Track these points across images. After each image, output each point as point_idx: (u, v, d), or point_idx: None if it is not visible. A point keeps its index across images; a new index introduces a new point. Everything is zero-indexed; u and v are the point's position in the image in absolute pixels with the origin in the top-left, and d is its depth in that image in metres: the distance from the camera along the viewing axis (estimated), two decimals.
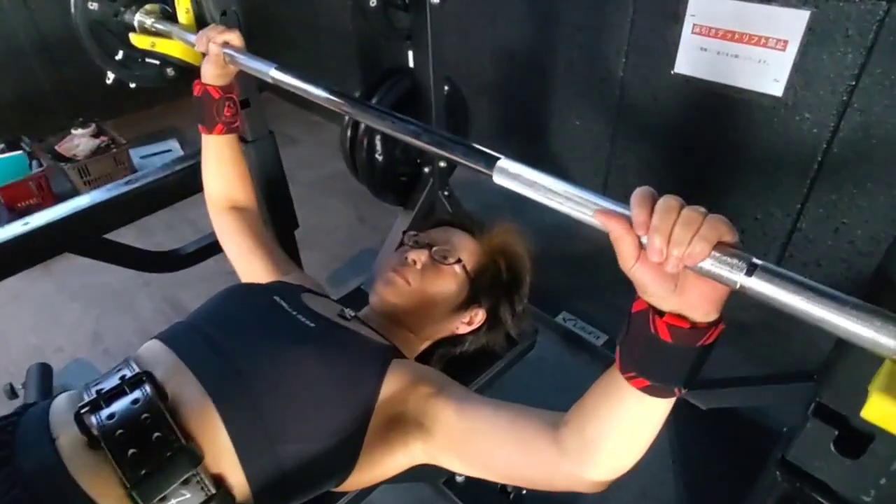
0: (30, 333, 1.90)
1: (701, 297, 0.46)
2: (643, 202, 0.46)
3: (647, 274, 0.48)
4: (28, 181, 2.29)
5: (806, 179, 1.69)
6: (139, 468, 0.64)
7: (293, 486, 0.75)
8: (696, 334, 0.48)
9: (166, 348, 0.78)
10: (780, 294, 0.41)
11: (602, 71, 2.08)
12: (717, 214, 0.45)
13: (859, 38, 1.42)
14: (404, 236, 1.08)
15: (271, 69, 0.91)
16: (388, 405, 0.79)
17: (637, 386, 0.53)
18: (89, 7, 1.17)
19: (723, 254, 0.43)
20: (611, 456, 0.59)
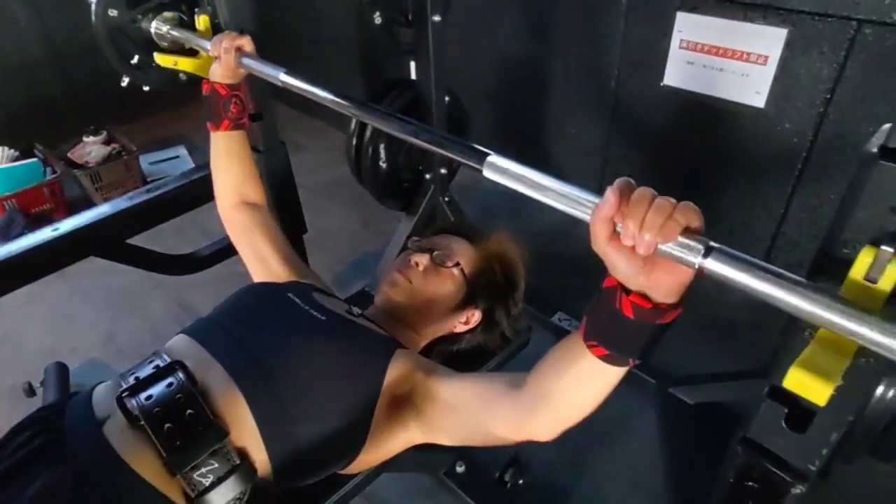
0: (45, 334, 1.98)
1: (665, 278, 0.51)
2: (620, 191, 0.50)
3: (618, 254, 0.52)
4: (42, 187, 2.38)
5: (788, 185, 1.78)
6: (174, 440, 0.73)
7: (308, 463, 0.84)
8: (657, 314, 0.53)
9: (193, 341, 0.87)
10: (733, 273, 0.46)
11: (596, 82, 2.17)
12: (686, 202, 0.50)
13: (833, 54, 1.51)
14: (408, 241, 1.17)
15: (280, 73, 0.97)
16: (392, 390, 0.88)
17: (596, 354, 0.59)
18: (109, 14, 1.24)
19: (686, 238, 0.48)
20: (560, 411, 0.67)
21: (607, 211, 0.50)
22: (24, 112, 2.87)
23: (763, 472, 0.66)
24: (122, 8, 1.24)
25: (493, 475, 1.39)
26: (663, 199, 0.49)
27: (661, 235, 0.48)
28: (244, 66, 1.05)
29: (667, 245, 0.48)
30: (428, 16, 1.59)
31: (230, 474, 0.75)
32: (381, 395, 0.87)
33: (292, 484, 0.85)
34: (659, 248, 0.49)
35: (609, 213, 0.50)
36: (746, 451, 0.67)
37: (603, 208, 0.51)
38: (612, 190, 0.51)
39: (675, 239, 0.48)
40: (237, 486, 0.75)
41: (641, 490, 1.45)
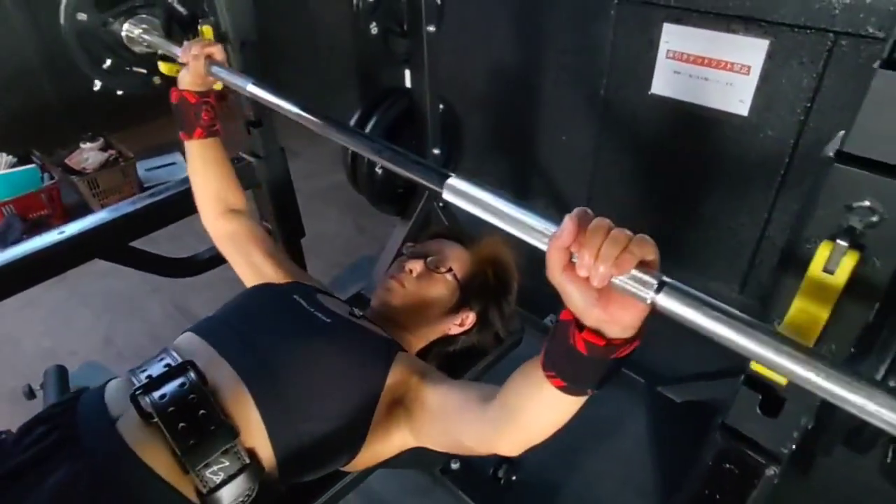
0: (43, 337, 2.00)
1: (620, 312, 0.50)
2: (578, 220, 0.49)
3: (573, 285, 0.51)
4: (41, 193, 2.40)
5: (771, 191, 1.84)
6: (188, 439, 0.76)
7: (311, 460, 0.87)
8: (610, 350, 0.52)
9: (202, 340, 0.91)
10: (685, 311, 0.45)
11: (586, 91, 2.22)
12: (641, 235, 0.48)
13: (812, 64, 1.58)
14: (403, 247, 1.21)
15: (248, 84, 0.95)
16: (391, 392, 0.91)
17: (554, 384, 0.58)
18: (77, 17, 1.20)
19: (640, 272, 0.47)
20: (522, 431, 0.68)
21: (564, 239, 0.49)
22: (21, 119, 2.88)
23: (740, 455, 0.70)
24: (91, 11, 1.21)
25: (487, 472, 1.43)
26: (619, 230, 0.48)
27: (615, 267, 0.47)
28: (213, 74, 1.04)
29: (621, 278, 0.47)
30: (423, 26, 1.64)
31: (240, 472, 0.78)
32: (382, 396, 0.90)
33: (295, 480, 0.88)
34: (613, 281, 0.48)
35: (566, 241, 0.49)
36: (724, 436, 0.72)
37: (560, 237, 0.50)
38: (569, 218, 0.50)
39: (630, 272, 0.47)
40: (246, 483, 0.78)
41: (631, 485, 1.50)
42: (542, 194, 2.67)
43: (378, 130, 1.91)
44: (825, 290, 0.49)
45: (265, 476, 0.82)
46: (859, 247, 0.49)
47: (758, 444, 0.69)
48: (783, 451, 0.69)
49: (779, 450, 0.69)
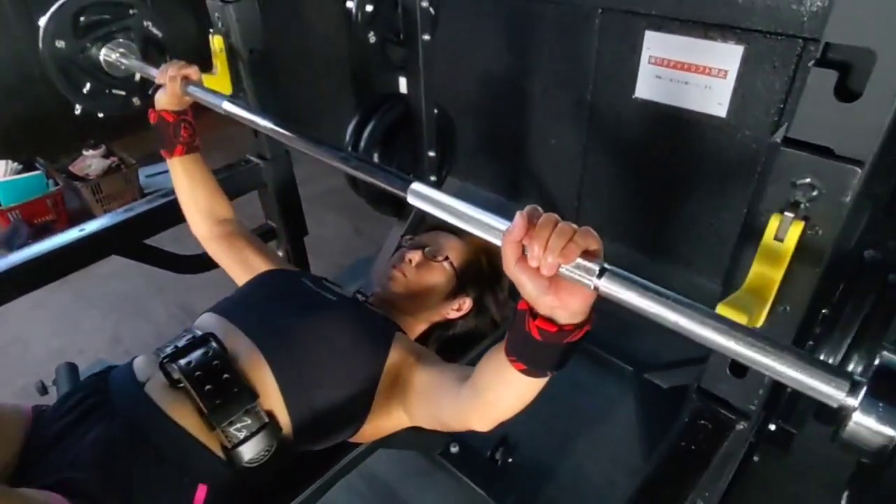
0: (52, 338, 2.06)
1: (569, 298, 0.55)
2: (528, 217, 0.55)
3: (525, 274, 0.55)
4: (46, 199, 2.46)
5: (749, 189, 1.93)
6: (214, 399, 0.84)
7: (323, 426, 0.95)
8: (563, 335, 0.57)
9: (220, 317, 0.99)
10: (625, 294, 0.51)
11: (573, 95, 2.32)
12: (585, 227, 0.54)
13: (784, 68, 1.69)
14: (402, 240, 1.30)
15: (223, 102, 1.01)
16: (391, 370, 0.99)
17: (516, 368, 0.64)
18: (56, 45, 1.24)
19: (583, 260, 0.52)
20: (491, 409, 0.75)
21: (516, 234, 0.55)
22: (23, 127, 2.95)
23: (713, 413, 0.79)
24: (69, 38, 1.25)
25: (484, 455, 1.50)
26: (565, 224, 0.54)
27: (562, 256, 0.52)
28: (189, 94, 1.09)
29: (567, 267, 0.52)
30: (418, 35, 1.72)
31: (260, 430, 0.86)
32: (384, 372, 0.98)
33: (309, 445, 0.96)
34: (560, 270, 0.53)
35: (517, 236, 0.55)
36: (699, 398, 0.81)
37: (512, 232, 0.55)
38: (520, 215, 0.55)
39: (574, 261, 0.52)
40: (266, 440, 0.86)
41: (621, 466, 1.58)
42: (532, 195, 2.75)
43: (375, 134, 1.99)
44: (777, 255, 0.58)
45: (282, 437, 0.89)
46: (804, 218, 0.59)
47: (728, 403, 0.78)
48: (751, 408, 0.78)
49: (747, 407, 0.78)
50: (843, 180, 0.59)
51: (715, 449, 0.75)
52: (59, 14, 1.24)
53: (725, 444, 0.76)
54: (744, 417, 0.78)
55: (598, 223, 2.68)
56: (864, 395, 0.42)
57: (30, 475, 0.78)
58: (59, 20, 1.24)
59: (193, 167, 1.19)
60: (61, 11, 1.24)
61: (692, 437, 0.77)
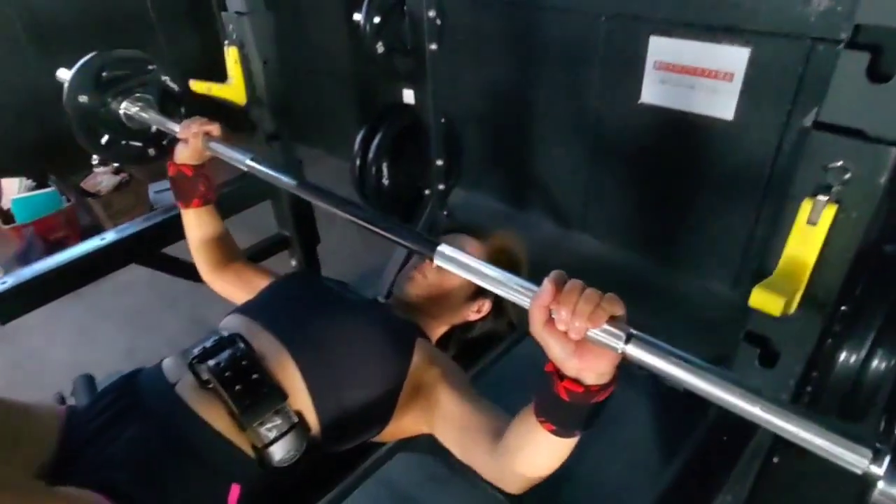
0: (68, 351, 2.06)
1: (595, 361, 0.57)
2: (555, 282, 0.57)
3: (553, 338, 0.57)
4: (59, 215, 2.48)
5: (758, 190, 1.95)
6: (245, 399, 0.84)
7: (349, 426, 0.95)
8: (589, 395, 0.59)
9: (246, 318, 0.99)
10: (650, 358, 0.53)
11: (578, 102, 2.34)
12: (610, 293, 0.56)
13: (792, 69, 1.70)
14: None
15: (247, 158, 1.01)
16: (415, 374, 0.99)
17: (546, 429, 0.65)
18: (79, 100, 1.29)
19: (611, 325, 0.54)
20: (525, 472, 0.75)
21: (544, 299, 0.56)
22: (36, 145, 2.99)
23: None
24: (91, 93, 1.30)
25: None
26: (592, 290, 0.56)
27: (590, 321, 0.54)
28: (211, 150, 1.10)
29: (594, 331, 0.54)
30: (426, 45, 1.75)
31: (290, 430, 0.86)
32: (409, 373, 0.99)
33: (336, 446, 0.96)
34: (588, 333, 0.55)
35: (546, 300, 0.56)
36: None
37: (541, 296, 0.57)
38: (548, 280, 0.57)
39: (602, 326, 0.54)
40: (295, 440, 0.86)
41: (637, 469, 1.56)
42: (538, 204, 2.77)
43: (384, 145, 2.01)
44: (810, 239, 0.59)
45: (311, 438, 0.89)
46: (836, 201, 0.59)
47: None
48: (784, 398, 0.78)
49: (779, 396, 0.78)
50: (876, 162, 0.60)
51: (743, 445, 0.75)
52: (83, 70, 1.29)
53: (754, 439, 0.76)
54: None
55: (605, 230, 2.70)
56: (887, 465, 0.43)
57: (65, 474, 0.78)
58: (83, 76, 1.29)
59: (207, 218, 1.22)
60: (85, 68, 1.29)
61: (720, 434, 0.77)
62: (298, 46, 3.26)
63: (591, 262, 2.45)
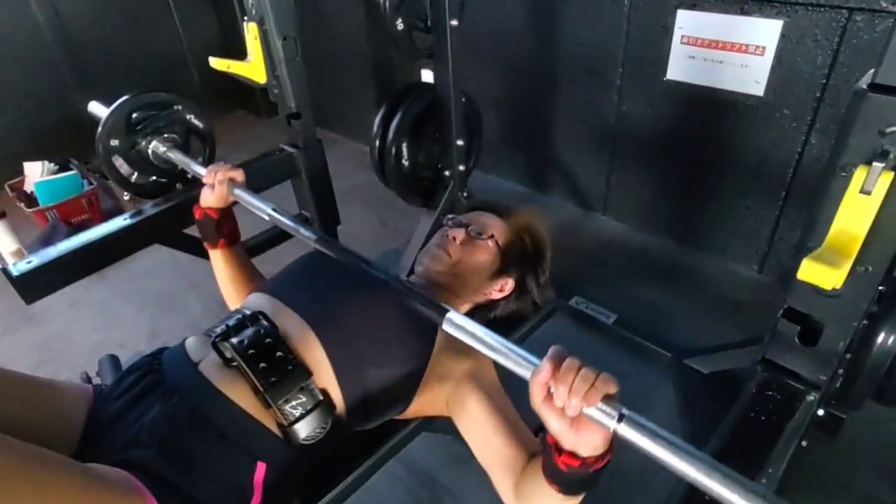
0: (92, 332, 2.09)
1: (590, 435, 0.61)
2: (553, 361, 0.61)
3: (551, 413, 0.61)
4: (81, 198, 2.50)
5: (789, 169, 1.89)
6: (269, 376, 0.84)
7: (373, 404, 0.94)
8: (585, 467, 0.64)
9: (268, 296, 0.98)
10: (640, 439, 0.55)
11: (601, 81, 2.29)
12: (605, 374, 0.60)
13: (826, 41, 1.64)
14: (444, 219, 1.28)
15: (269, 208, 1.05)
16: (439, 355, 0.98)
17: (553, 489, 0.69)
18: (111, 143, 1.36)
19: (605, 404, 0.58)
20: None
21: (542, 376, 0.61)
22: (56, 129, 3.03)
23: (781, 384, 0.76)
24: (122, 136, 1.36)
25: None
26: (587, 369, 0.60)
27: (584, 400, 0.58)
28: (236, 197, 1.14)
29: (588, 409, 0.58)
30: (446, 21, 1.71)
31: (315, 408, 0.85)
32: (434, 353, 0.97)
33: (360, 423, 0.95)
34: (583, 411, 0.59)
35: (544, 378, 0.61)
36: (766, 370, 0.78)
37: (539, 373, 0.61)
38: (547, 359, 0.61)
39: (596, 405, 0.58)
40: (321, 418, 0.86)
41: None
42: (559, 186, 2.73)
43: (403, 124, 1.98)
44: (863, 210, 0.56)
45: (336, 415, 0.89)
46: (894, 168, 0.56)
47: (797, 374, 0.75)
48: (821, 379, 0.75)
49: (817, 377, 0.75)
50: None
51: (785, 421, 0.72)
52: (115, 114, 1.36)
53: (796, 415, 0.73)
54: (814, 388, 0.75)
55: (627, 212, 2.66)
56: None
57: (92, 451, 0.79)
58: (116, 119, 1.36)
59: (233, 257, 1.24)
60: (117, 112, 1.36)
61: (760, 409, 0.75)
62: (314, 26, 3.23)
63: (613, 244, 2.41)
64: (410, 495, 1.47)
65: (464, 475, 1.51)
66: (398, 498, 1.46)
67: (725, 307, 2.00)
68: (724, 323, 1.92)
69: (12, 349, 2.05)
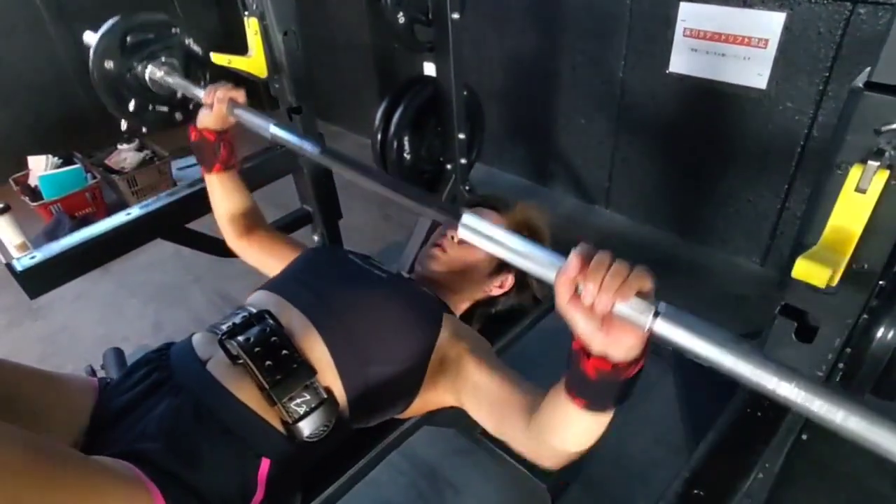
0: (97, 326, 2.11)
1: (623, 336, 0.55)
2: (582, 255, 0.54)
3: (578, 312, 0.55)
4: (85, 192, 2.52)
5: (791, 162, 1.88)
6: (275, 374, 0.85)
7: (376, 402, 0.95)
8: (618, 372, 0.57)
9: (273, 294, 0.99)
10: (678, 334, 0.49)
11: (603, 73, 2.28)
12: (640, 266, 0.53)
13: (829, 34, 1.62)
14: None
15: (270, 125, 0.99)
16: (441, 348, 0.98)
17: (577, 405, 0.63)
18: (105, 66, 1.29)
19: (639, 299, 0.51)
20: (560, 448, 0.72)
21: (570, 272, 0.53)
22: (60, 123, 3.04)
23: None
24: (117, 59, 1.29)
25: None
26: (620, 263, 0.53)
27: (617, 295, 0.51)
28: (235, 116, 1.10)
29: (621, 305, 0.51)
30: (448, 14, 1.71)
31: (319, 405, 0.87)
32: (436, 349, 0.98)
33: (363, 421, 0.96)
34: (615, 308, 0.52)
35: (571, 274, 0.53)
36: None
37: (566, 270, 0.54)
38: (575, 253, 0.54)
39: (629, 300, 0.51)
40: (324, 415, 0.87)
41: (663, 444, 1.56)
42: (561, 179, 2.72)
43: (405, 118, 1.98)
44: (858, 207, 0.56)
45: (339, 413, 0.90)
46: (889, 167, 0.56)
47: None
48: (819, 375, 0.75)
49: (814, 374, 0.75)
50: None
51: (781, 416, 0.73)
52: (108, 35, 1.28)
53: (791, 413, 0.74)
54: None
55: (630, 205, 2.65)
56: None
57: (98, 445, 0.80)
58: (109, 41, 1.28)
59: (230, 183, 1.22)
60: (110, 32, 1.29)
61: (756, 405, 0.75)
62: (316, 19, 3.22)
63: (615, 237, 2.41)
64: (412, 488, 1.49)
65: (465, 468, 1.52)
66: (400, 491, 1.48)
67: (727, 300, 2.00)
68: (726, 316, 1.93)
69: (17, 342, 2.07)
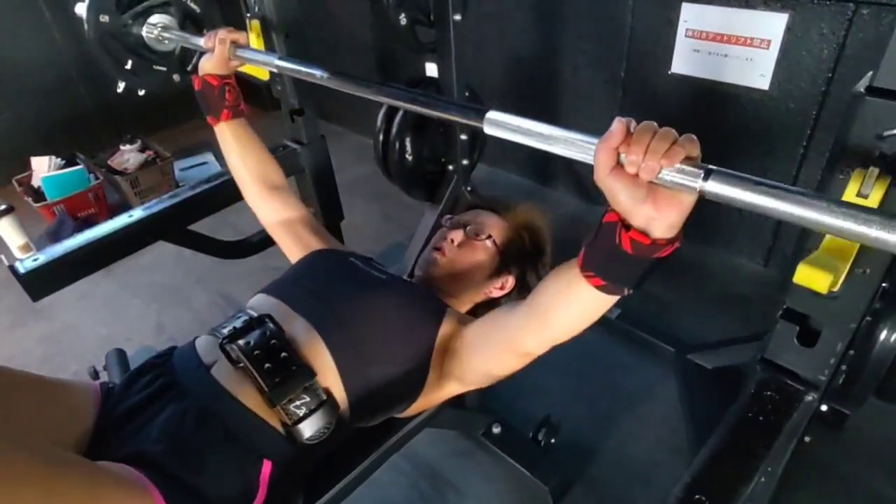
0: (100, 326, 2.12)
1: (667, 208, 0.53)
2: (626, 123, 0.52)
3: (621, 181, 0.53)
4: (87, 193, 2.52)
5: (794, 164, 1.88)
6: (274, 377, 0.85)
7: (378, 403, 0.95)
8: (654, 249, 0.55)
9: (275, 298, 0.99)
10: (733, 192, 0.48)
11: (605, 74, 2.28)
12: (687, 134, 0.51)
13: (832, 35, 1.62)
14: (442, 220, 1.29)
15: (274, 59, 0.97)
16: (443, 343, 0.98)
17: (593, 284, 0.61)
18: (101, 20, 1.24)
19: (686, 164, 0.50)
20: (551, 327, 0.71)
21: (613, 141, 0.52)
22: (63, 124, 3.06)
23: (779, 384, 0.76)
24: (112, 13, 1.25)
25: (527, 435, 1.49)
26: (666, 129, 0.51)
27: (665, 159, 0.49)
28: (238, 57, 1.07)
29: (669, 171, 0.50)
30: (449, 15, 1.70)
31: (319, 407, 0.87)
32: (436, 347, 0.98)
33: (364, 422, 0.97)
34: (661, 175, 0.50)
35: (615, 142, 0.52)
36: (765, 370, 0.78)
37: (609, 139, 0.52)
38: (618, 121, 0.52)
39: (676, 165, 0.50)
40: (324, 417, 0.87)
41: (665, 446, 1.55)
42: (563, 180, 2.72)
43: (407, 119, 1.98)
44: None
45: (340, 414, 0.90)
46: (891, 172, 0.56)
47: (796, 374, 0.75)
48: (821, 379, 0.75)
49: (816, 377, 0.75)
50: None
51: (783, 421, 0.73)
52: None
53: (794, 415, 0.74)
54: (812, 388, 0.75)
55: None
56: None
57: (102, 450, 0.80)
58: None
59: (240, 131, 1.18)
60: None
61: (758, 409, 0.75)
62: (317, 20, 3.22)
63: None
64: (414, 489, 1.49)
65: (467, 469, 1.52)
66: (402, 492, 1.48)
67: (730, 301, 2.00)
68: (729, 317, 1.93)
69: (20, 342, 2.08)
